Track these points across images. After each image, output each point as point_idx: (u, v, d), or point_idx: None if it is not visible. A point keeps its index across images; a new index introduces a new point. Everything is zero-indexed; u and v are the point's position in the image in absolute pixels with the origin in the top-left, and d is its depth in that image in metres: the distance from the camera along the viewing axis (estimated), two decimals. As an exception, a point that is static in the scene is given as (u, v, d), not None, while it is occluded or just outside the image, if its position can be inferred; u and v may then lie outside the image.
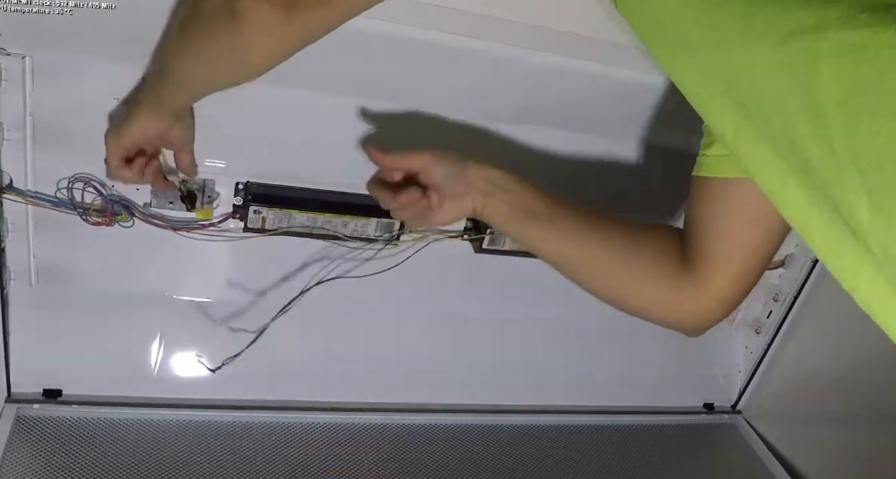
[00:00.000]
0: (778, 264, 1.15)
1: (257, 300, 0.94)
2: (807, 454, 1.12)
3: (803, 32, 0.39)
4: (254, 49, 0.55)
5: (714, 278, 0.69)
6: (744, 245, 0.66)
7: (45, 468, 0.83)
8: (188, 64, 0.62)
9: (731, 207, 0.65)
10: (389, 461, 0.96)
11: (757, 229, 0.65)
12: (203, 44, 0.58)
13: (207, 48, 0.58)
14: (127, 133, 0.71)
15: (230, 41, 0.55)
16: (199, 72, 0.63)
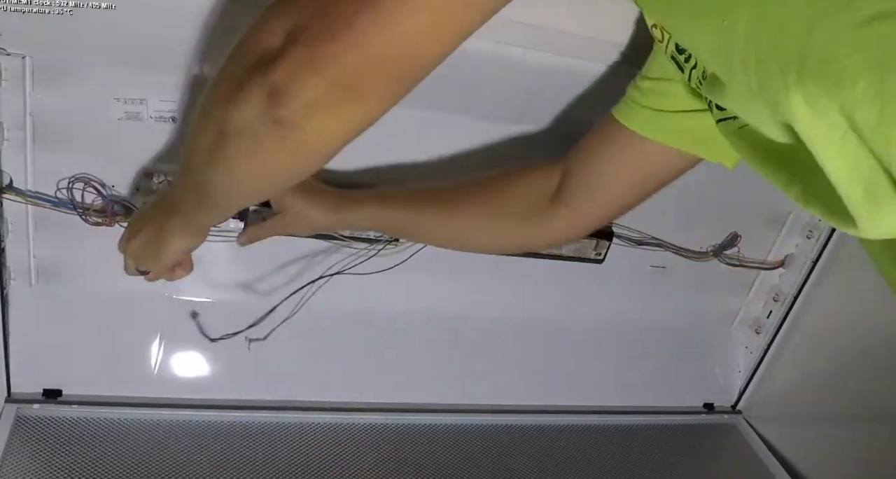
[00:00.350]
0: (778, 264, 1.15)
1: (257, 301, 0.94)
2: (807, 454, 1.12)
3: (888, 16, 0.37)
4: (315, 156, 0.46)
5: (578, 216, 0.77)
6: (621, 197, 0.75)
7: (45, 468, 0.83)
8: (233, 189, 0.53)
9: (630, 160, 0.72)
10: (389, 461, 0.96)
11: (639, 188, 0.74)
12: (248, 167, 0.47)
13: (255, 170, 0.48)
14: (172, 258, 0.69)
15: (284, 157, 0.46)
16: (247, 195, 0.56)
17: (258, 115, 0.42)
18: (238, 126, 0.44)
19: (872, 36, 0.37)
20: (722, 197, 1.05)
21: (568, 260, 0.99)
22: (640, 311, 1.14)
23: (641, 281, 1.10)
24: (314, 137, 0.43)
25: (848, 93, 0.38)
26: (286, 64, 0.40)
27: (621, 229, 1.02)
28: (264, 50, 0.42)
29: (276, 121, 0.41)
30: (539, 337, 1.10)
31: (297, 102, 0.40)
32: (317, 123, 0.42)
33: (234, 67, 0.44)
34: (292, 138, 0.43)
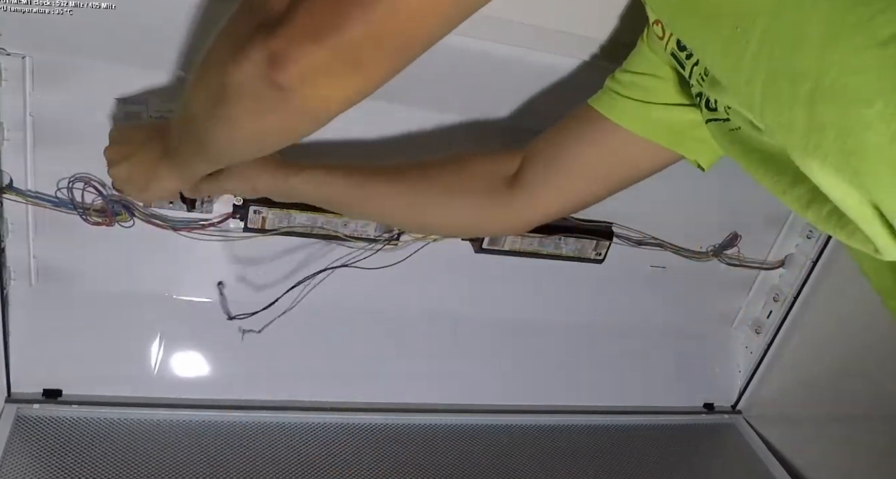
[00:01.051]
0: (778, 264, 1.15)
1: (257, 300, 0.94)
2: (807, 454, 1.12)
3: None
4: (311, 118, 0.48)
5: (536, 202, 0.74)
6: (584, 187, 0.72)
7: (45, 468, 0.83)
8: (232, 144, 0.54)
9: (600, 149, 0.70)
10: (389, 461, 0.96)
11: (603, 180, 0.72)
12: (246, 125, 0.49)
13: (252, 129, 0.49)
14: (161, 196, 0.72)
15: (281, 118, 0.47)
16: (246, 150, 0.57)
17: (258, 76, 0.43)
18: (239, 85, 0.45)
19: (891, 57, 0.37)
20: (722, 197, 1.05)
21: (568, 260, 0.99)
22: (640, 311, 1.14)
23: (641, 281, 1.11)
24: (311, 103, 0.44)
25: (864, 111, 0.38)
26: (288, 30, 0.41)
27: (621, 229, 1.02)
28: (269, 12, 0.42)
29: (274, 84, 0.43)
30: (539, 337, 1.10)
31: (295, 68, 0.42)
32: (314, 90, 0.43)
33: (238, 25, 0.45)
34: (289, 102, 0.44)
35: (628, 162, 0.70)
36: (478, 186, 0.76)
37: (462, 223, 0.80)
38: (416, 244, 0.93)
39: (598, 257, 1.00)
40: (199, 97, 0.51)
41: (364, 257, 0.93)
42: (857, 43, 0.38)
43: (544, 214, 0.76)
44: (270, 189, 0.79)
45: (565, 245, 0.98)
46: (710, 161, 0.70)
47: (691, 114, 0.64)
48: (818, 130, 0.41)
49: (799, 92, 0.42)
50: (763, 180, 0.53)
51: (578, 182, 0.72)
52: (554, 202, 0.74)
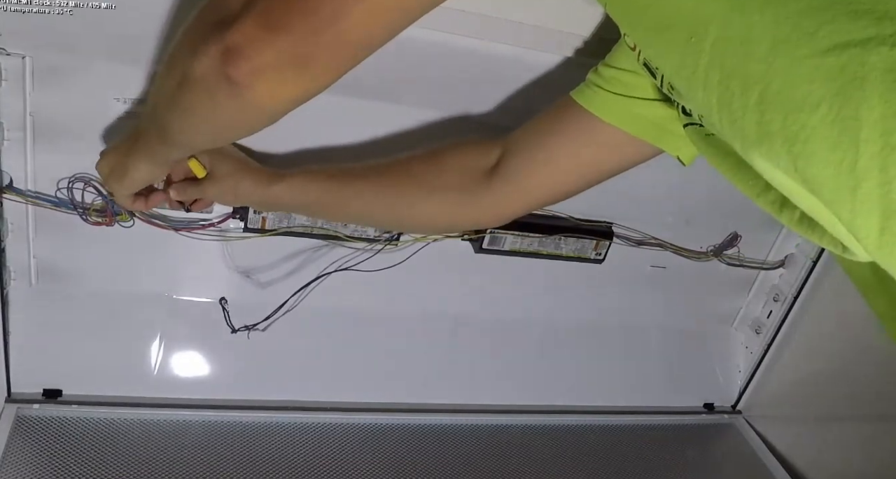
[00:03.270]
0: (778, 264, 1.15)
1: (257, 300, 0.94)
2: (807, 454, 1.12)
3: (851, 46, 0.38)
4: (262, 112, 0.50)
5: (516, 193, 0.74)
6: (564, 178, 0.72)
7: (45, 468, 0.83)
8: (189, 132, 0.58)
9: (582, 141, 0.70)
10: (389, 461, 0.96)
11: (585, 172, 0.72)
12: (202, 115, 0.52)
13: (208, 119, 0.53)
14: (130, 186, 0.72)
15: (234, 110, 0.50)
16: (201, 138, 0.60)
17: (212, 69, 0.46)
18: (195, 77, 0.48)
19: (833, 65, 0.39)
20: (722, 197, 1.05)
21: (568, 260, 0.99)
22: (640, 311, 1.14)
23: (641, 281, 1.10)
24: (261, 98, 0.46)
25: (808, 117, 0.40)
26: (242, 28, 0.44)
27: (621, 229, 1.02)
28: (226, 10, 0.46)
29: (226, 77, 0.45)
30: (539, 337, 1.10)
31: (246, 64, 0.44)
32: (264, 85, 0.45)
33: (201, 21, 0.48)
34: (240, 96, 0.46)
35: (608, 155, 0.71)
36: (457, 181, 0.76)
37: (445, 219, 0.80)
38: (416, 245, 0.93)
39: (598, 257, 1.00)
40: (164, 86, 0.54)
41: (364, 257, 0.93)
42: (802, 52, 0.40)
43: (524, 205, 0.76)
44: (252, 198, 0.79)
45: (565, 245, 0.98)
46: (691, 156, 0.70)
47: (672, 110, 0.65)
48: (767, 137, 0.43)
49: (749, 100, 0.43)
50: (738, 184, 0.54)
51: (558, 174, 0.72)
52: (534, 193, 0.74)
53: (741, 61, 0.44)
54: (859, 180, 0.38)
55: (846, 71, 0.38)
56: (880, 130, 0.37)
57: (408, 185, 0.77)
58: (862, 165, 0.38)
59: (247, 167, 0.78)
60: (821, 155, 0.40)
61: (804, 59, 0.40)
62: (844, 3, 0.39)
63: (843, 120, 0.38)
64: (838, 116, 0.39)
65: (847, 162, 0.38)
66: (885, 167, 0.37)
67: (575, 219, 0.97)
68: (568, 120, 0.70)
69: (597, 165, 0.72)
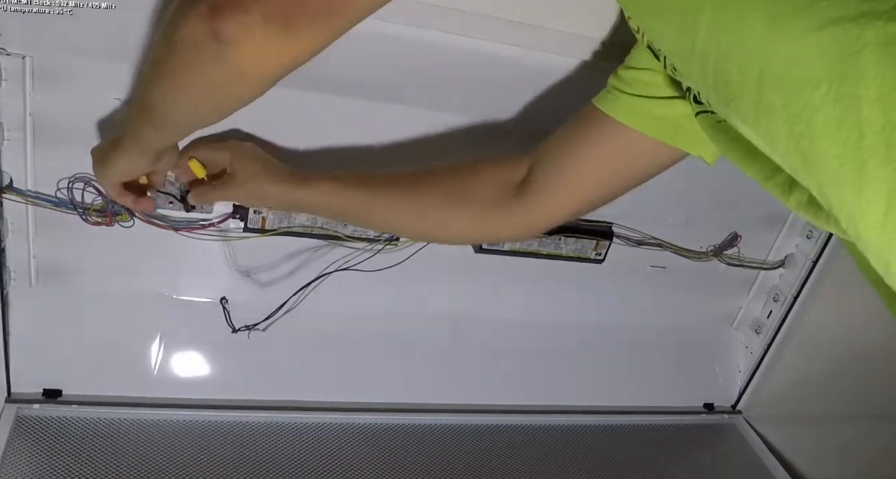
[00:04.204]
0: (778, 264, 1.15)
1: (257, 300, 0.94)
2: (807, 454, 1.12)
3: (846, 20, 0.38)
4: (247, 78, 0.49)
5: (547, 204, 0.74)
6: (595, 187, 0.72)
7: (45, 467, 0.83)
8: (171, 104, 0.56)
9: (609, 149, 0.69)
10: (389, 461, 0.96)
11: (615, 179, 0.71)
12: (187, 79, 0.51)
13: (192, 83, 0.51)
14: (114, 174, 0.71)
15: (219, 73, 0.49)
16: (185, 111, 0.57)
17: (199, 24, 0.46)
18: (182, 35, 0.48)
19: (829, 40, 0.38)
20: (722, 197, 1.05)
21: (568, 260, 0.99)
22: (640, 311, 1.14)
23: (641, 281, 1.11)
24: (247, 56, 0.47)
25: (810, 95, 0.39)
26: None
27: (621, 229, 1.02)
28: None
29: (214, 34, 0.46)
30: (539, 337, 1.10)
31: (234, 19, 0.45)
32: (251, 43, 0.46)
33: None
34: (227, 55, 0.46)
35: (634, 160, 0.70)
36: (488, 195, 0.75)
37: (474, 233, 0.80)
38: (416, 245, 0.93)
39: (598, 257, 1.00)
40: (154, 56, 0.53)
41: (364, 257, 0.93)
42: (798, 29, 0.40)
43: (556, 217, 0.75)
44: (276, 201, 0.79)
45: (565, 245, 0.98)
46: (713, 155, 0.69)
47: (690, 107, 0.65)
48: (767, 117, 0.42)
49: (747, 79, 0.43)
50: (748, 170, 0.54)
51: (588, 183, 0.72)
52: (564, 205, 0.74)
53: (737, 39, 0.43)
54: (866, 158, 0.37)
55: (841, 47, 0.38)
56: (880, 107, 0.37)
57: (438, 199, 0.76)
58: (867, 143, 0.37)
59: (271, 169, 0.77)
60: (825, 134, 0.39)
61: (800, 36, 0.40)
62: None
63: (843, 98, 0.38)
64: (839, 94, 0.38)
65: (853, 140, 0.38)
66: (890, 145, 0.37)
67: (575, 219, 0.97)
68: (592, 128, 0.70)
69: (626, 172, 0.71)
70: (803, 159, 0.41)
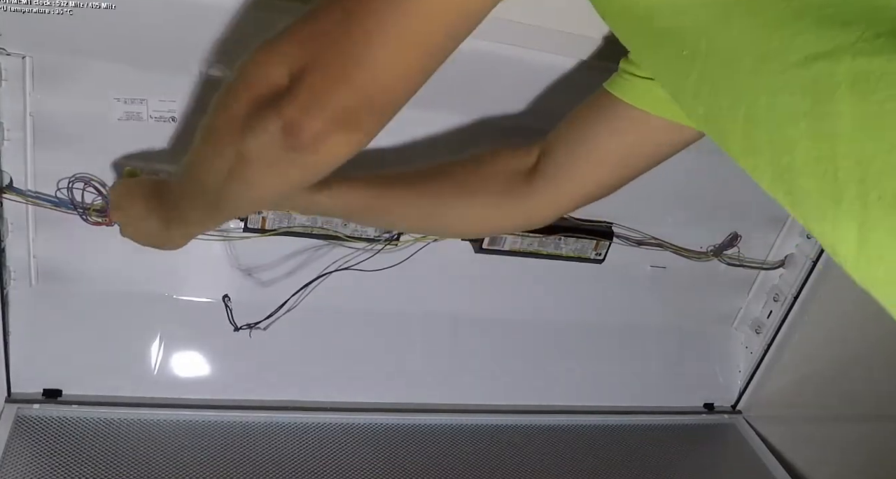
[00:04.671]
0: (778, 264, 1.15)
1: (258, 300, 0.94)
2: (807, 454, 1.12)
3: (822, 57, 0.39)
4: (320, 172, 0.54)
5: (558, 190, 0.73)
6: (606, 171, 0.71)
7: (45, 468, 0.83)
8: (247, 202, 0.62)
9: (619, 131, 0.68)
10: (389, 461, 0.96)
11: (626, 162, 0.70)
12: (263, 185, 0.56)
13: (268, 187, 0.56)
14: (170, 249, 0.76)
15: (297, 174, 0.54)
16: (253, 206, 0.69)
17: (274, 144, 0.50)
18: (256, 153, 0.52)
19: (808, 76, 0.40)
20: (722, 197, 1.05)
21: (568, 260, 0.99)
22: (640, 311, 1.14)
23: (641, 281, 1.11)
24: (322, 158, 0.51)
25: (791, 131, 0.41)
26: (296, 103, 0.48)
27: (621, 229, 1.02)
28: (272, 87, 0.50)
29: (291, 147, 0.50)
30: (539, 337, 1.10)
31: (308, 134, 0.49)
32: (324, 148, 0.50)
33: (243, 100, 0.51)
34: (305, 160, 0.51)
35: (647, 143, 0.69)
36: (497, 184, 0.75)
37: (486, 223, 0.80)
38: (416, 245, 0.93)
39: (598, 257, 1.00)
40: (212, 168, 0.56)
41: (365, 257, 0.93)
42: (780, 66, 0.41)
43: (567, 203, 0.75)
44: (294, 205, 0.81)
45: (565, 245, 0.98)
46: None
47: None
48: (754, 151, 0.44)
49: (737, 115, 0.45)
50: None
51: (599, 167, 0.71)
52: (576, 190, 0.73)
53: (728, 74, 0.45)
54: (841, 193, 0.39)
55: (818, 84, 0.39)
56: (854, 143, 0.38)
57: (449, 190, 0.77)
58: (842, 178, 0.39)
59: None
60: (805, 169, 0.41)
61: (783, 73, 0.41)
62: (814, 9, 0.40)
63: (820, 134, 0.39)
64: (817, 130, 0.40)
65: (829, 175, 0.39)
66: (862, 180, 0.38)
67: (575, 219, 0.97)
68: (603, 111, 0.69)
69: (636, 155, 0.70)
70: (787, 193, 0.43)
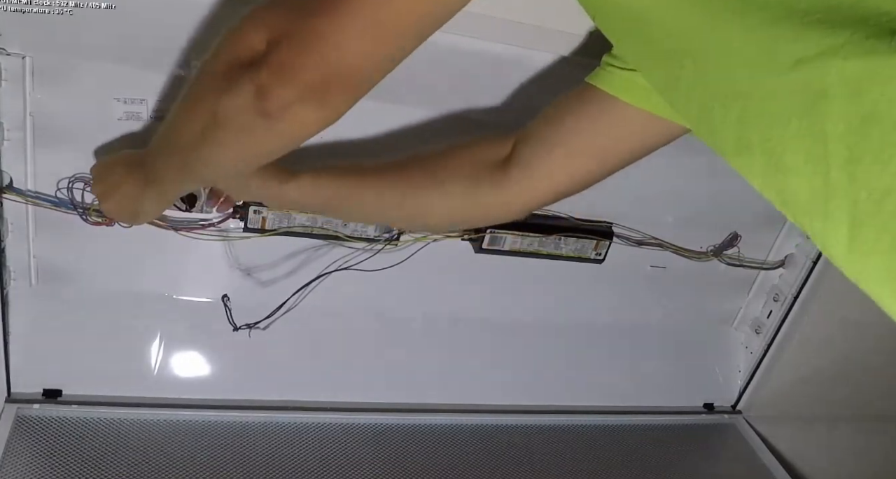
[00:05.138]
0: (778, 264, 1.15)
1: (258, 300, 0.94)
2: (807, 454, 1.12)
3: (811, 60, 0.39)
4: (288, 142, 0.56)
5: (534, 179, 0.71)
6: (583, 161, 0.70)
7: (45, 468, 0.83)
8: (213, 166, 0.62)
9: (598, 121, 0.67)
10: (389, 461, 0.96)
11: (604, 154, 0.69)
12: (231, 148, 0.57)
13: (236, 151, 0.57)
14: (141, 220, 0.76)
15: (264, 141, 0.55)
16: (224, 170, 0.65)
17: (247, 106, 0.52)
18: (229, 114, 0.53)
19: (798, 80, 0.40)
20: (722, 197, 1.05)
21: (568, 260, 0.99)
22: (640, 311, 1.14)
23: (641, 281, 1.11)
24: (291, 126, 0.53)
25: (782, 132, 0.42)
26: (269, 69, 0.50)
27: (621, 229, 1.02)
28: (250, 52, 0.51)
29: (261, 112, 0.51)
30: (539, 337, 1.10)
31: (278, 100, 0.51)
32: (293, 115, 0.52)
33: (223, 62, 0.53)
34: (272, 127, 0.53)
35: (629, 135, 0.67)
36: (472, 172, 0.74)
37: (458, 212, 0.77)
38: (416, 245, 0.93)
39: (598, 257, 1.00)
40: (188, 126, 0.58)
41: (364, 257, 0.93)
42: (771, 69, 0.42)
43: (543, 193, 0.73)
44: (263, 195, 0.80)
45: (565, 245, 0.98)
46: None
47: None
48: (747, 151, 0.45)
49: (729, 116, 0.45)
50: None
51: (577, 159, 0.69)
52: (551, 180, 0.71)
53: (721, 76, 0.45)
54: (832, 191, 0.39)
55: (809, 87, 0.40)
56: (845, 143, 0.38)
57: (422, 179, 0.75)
58: (833, 176, 0.39)
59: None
60: (796, 167, 0.41)
61: (775, 77, 0.42)
62: (800, 15, 0.40)
63: (812, 134, 0.40)
64: (809, 131, 0.40)
65: (820, 173, 0.40)
66: (853, 178, 0.38)
67: (575, 219, 0.97)
68: (584, 104, 0.67)
69: (617, 147, 0.68)
70: (777, 192, 0.44)
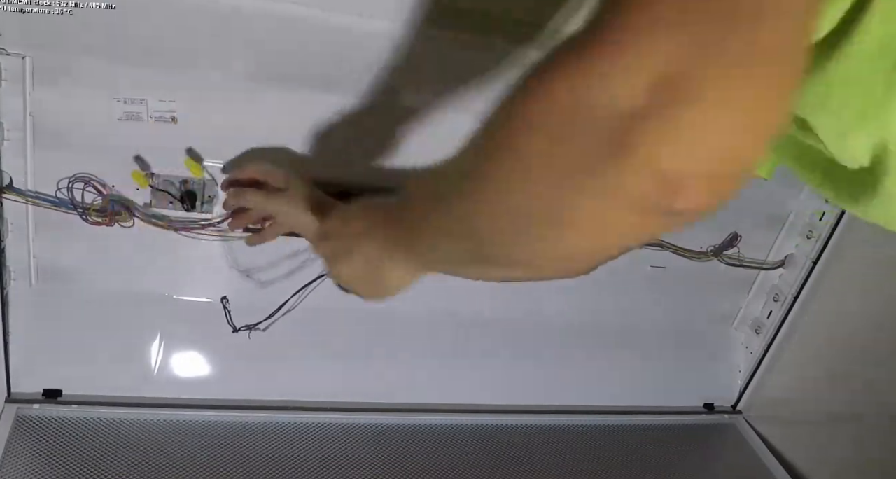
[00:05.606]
0: (778, 264, 1.15)
1: (258, 300, 0.94)
2: (807, 454, 1.12)
3: None
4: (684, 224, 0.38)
5: None
6: None
7: (45, 468, 0.83)
8: (565, 254, 0.42)
9: None
10: (389, 461, 0.96)
11: None
12: (596, 228, 0.39)
13: (617, 235, 0.40)
14: (394, 293, 0.65)
15: (660, 230, 0.38)
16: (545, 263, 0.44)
17: (645, 201, 0.35)
18: (619, 195, 0.35)
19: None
20: (722, 197, 1.05)
21: (568, 260, 0.99)
22: (640, 311, 1.14)
23: (641, 281, 1.10)
24: (697, 216, 0.37)
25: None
26: (676, 149, 0.33)
27: (621, 229, 1.02)
28: (627, 109, 0.31)
29: (669, 212, 0.36)
30: (539, 337, 1.10)
31: (698, 196, 0.35)
32: (698, 212, 0.36)
33: (576, 122, 0.33)
34: (679, 222, 0.36)
35: None
36: None
37: None
38: (416, 244, 0.93)
39: (598, 257, 1.00)
40: (530, 205, 0.39)
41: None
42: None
43: None
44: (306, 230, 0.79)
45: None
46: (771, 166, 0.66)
47: None
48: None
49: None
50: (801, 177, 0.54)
51: None
52: None
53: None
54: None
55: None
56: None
57: None
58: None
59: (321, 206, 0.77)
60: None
61: None
62: None
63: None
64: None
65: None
66: None
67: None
68: None
69: None
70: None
